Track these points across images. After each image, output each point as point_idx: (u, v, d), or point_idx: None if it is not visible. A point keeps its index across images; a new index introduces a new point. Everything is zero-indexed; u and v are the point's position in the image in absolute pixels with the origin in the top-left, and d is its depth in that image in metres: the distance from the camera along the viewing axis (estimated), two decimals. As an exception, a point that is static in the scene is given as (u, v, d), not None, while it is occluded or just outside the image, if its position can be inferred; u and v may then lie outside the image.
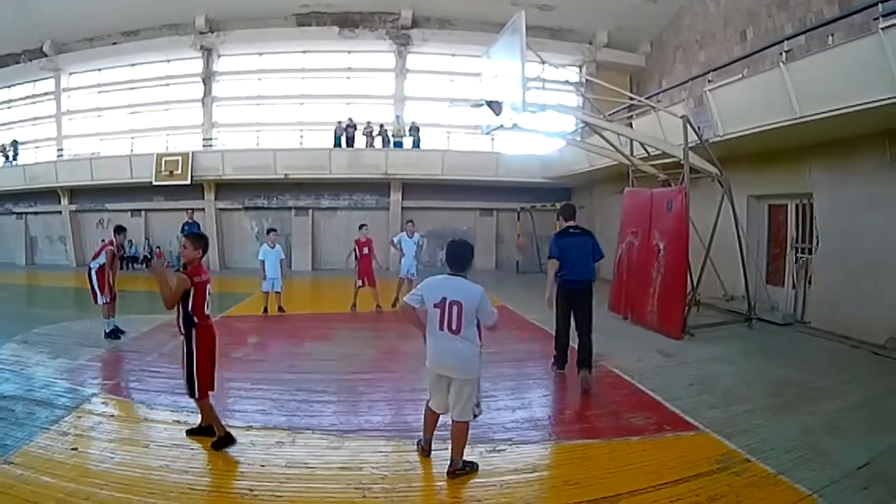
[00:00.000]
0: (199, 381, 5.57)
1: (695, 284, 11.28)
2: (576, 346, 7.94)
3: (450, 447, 5.10)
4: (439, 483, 4.98)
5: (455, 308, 4.91)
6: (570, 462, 5.45)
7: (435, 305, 4.97)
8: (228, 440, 5.59)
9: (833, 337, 10.25)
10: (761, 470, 4.94)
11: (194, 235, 6.00)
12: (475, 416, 5.15)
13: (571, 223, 8.42)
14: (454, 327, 4.92)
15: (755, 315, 11.36)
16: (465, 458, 5.11)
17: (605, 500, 4.52)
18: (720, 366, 8.54)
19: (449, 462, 5.04)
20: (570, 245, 8.08)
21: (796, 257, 11.99)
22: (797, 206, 12.07)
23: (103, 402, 7.32)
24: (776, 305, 11.95)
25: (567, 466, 5.34)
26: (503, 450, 5.60)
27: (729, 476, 4.86)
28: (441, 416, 5.31)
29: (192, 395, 5.62)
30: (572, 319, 8.13)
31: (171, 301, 5.53)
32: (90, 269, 11.03)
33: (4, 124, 30.36)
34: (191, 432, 5.96)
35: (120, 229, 11.62)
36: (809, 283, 11.54)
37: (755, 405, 6.72)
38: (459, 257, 5.20)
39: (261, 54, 27.00)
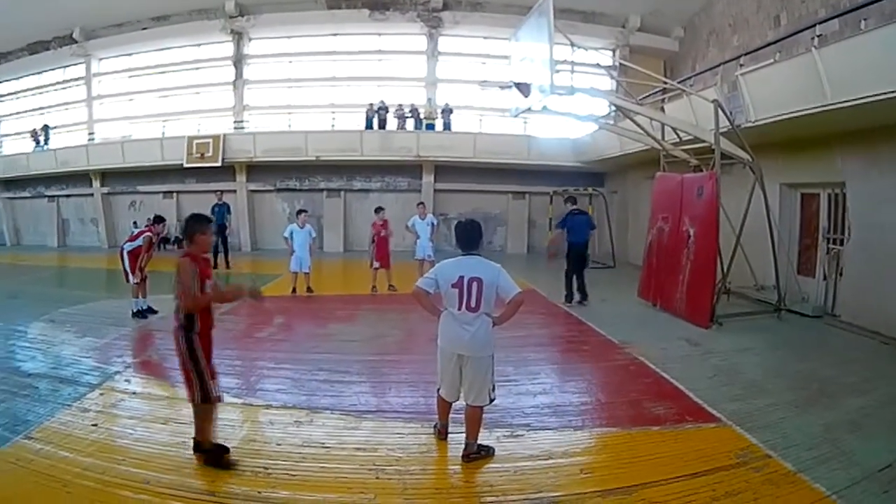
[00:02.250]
0: (213, 381, 5.04)
1: (724, 272, 11.10)
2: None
3: (465, 431, 5.08)
4: (453, 466, 4.99)
5: (475, 285, 4.89)
6: (587, 450, 5.42)
7: (453, 286, 4.93)
8: (218, 454, 5.04)
9: (862, 331, 9.96)
10: (781, 467, 4.83)
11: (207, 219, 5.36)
12: (491, 400, 5.10)
13: (575, 207, 13.11)
14: (473, 305, 4.90)
15: (785, 306, 11.13)
16: (481, 441, 5.10)
17: (619, 491, 4.47)
18: (746, 357, 8.40)
19: (464, 446, 5.03)
20: (576, 221, 12.74)
21: (828, 248, 11.68)
22: (829, 195, 11.75)
23: (126, 380, 7.47)
24: (806, 297, 11.70)
25: (584, 455, 5.30)
26: (521, 435, 5.58)
27: (748, 472, 4.77)
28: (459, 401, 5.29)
29: (205, 399, 4.97)
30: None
31: (205, 303, 4.98)
32: (123, 250, 11.27)
33: (35, 109, 30.83)
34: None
35: (159, 219, 11.81)
36: (840, 275, 11.24)
37: (778, 399, 6.58)
38: (469, 236, 5.16)
39: (291, 37, 26.99)
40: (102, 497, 4.41)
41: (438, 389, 5.33)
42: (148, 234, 11.34)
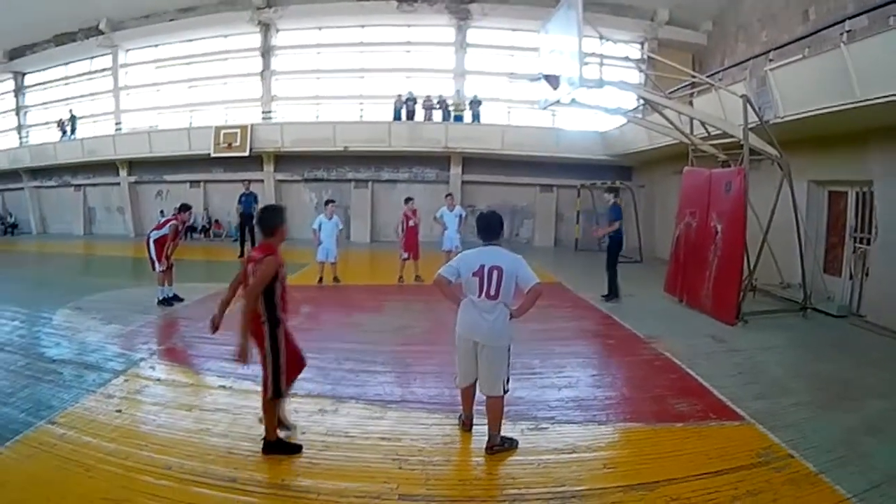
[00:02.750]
0: (288, 377, 5.06)
1: (751, 270, 11.02)
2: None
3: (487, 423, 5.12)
4: (476, 458, 5.02)
5: (495, 273, 4.94)
6: (610, 445, 5.44)
7: (473, 274, 4.99)
8: (280, 447, 5.08)
9: (887, 332, 9.82)
10: (802, 467, 4.80)
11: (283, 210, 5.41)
12: (505, 391, 5.10)
13: (617, 199, 12.50)
14: (493, 293, 4.95)
15: (810, 305, 11.02)
16: (505, 434, 5.13)
17: (641, 487, 4.48)
18: (770, 355, 8.32)
19: (487, 438, 5.05)
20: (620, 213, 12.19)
21: (854, 247, 11.52)
22: (857, 193, 11.59)
23: (151, 367, 7.59)
24: (832, 296, 11.56)
25: (607, 449, 5.32)
26: (545, 428, 5.60)
27: (769, 471, 4.75)
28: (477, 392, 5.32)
29: (277, 395, 5.02)
30: None
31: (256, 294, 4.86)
32: (149, 237, 11.35)
33: (62, 100, 31.14)
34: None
35: (186, 207, 11.87)
36: (867, 275, 11.09)
37: (801, 399, 6.54)
38: (491, 227, 5.23)
39: (319, 28, 27.02)
40: (124, 482, 4.48)
41: (455, 378, 5.38)
42: (174, 222, 11.45)
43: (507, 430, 5.21)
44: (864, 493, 4.42)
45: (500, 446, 5.02)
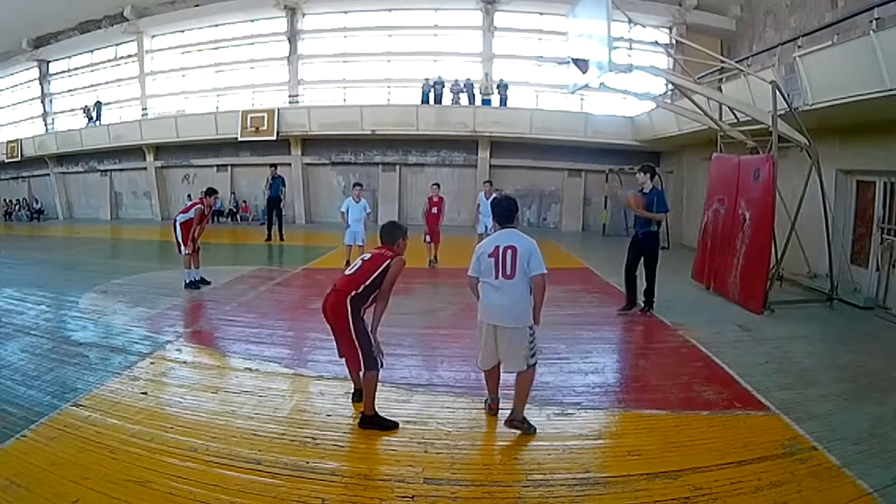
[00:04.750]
0: (377, 351, 5.30)
1: (779, 258, 10.92)
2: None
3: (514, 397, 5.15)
4: (502, 443, 5.05)
5: (510, 252, 4.98)
6: (635, 431, 5.42)
7: (489, 255, 5.03)
8: (378, 422, 5.23)
9: (911, 326, 9.73)
10: (826, 460, 4.74)
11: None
12: (529, 365, 5.10)
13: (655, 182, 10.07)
14: (508, 272, 4.97)
15: (837, 295, 10.86)
16: (532, 420, 5.14)
17: (665, 475, 4.47)
18: (797, 345, 8.25)
19: (510, 411, 5.10)
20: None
21: (882, 238, 11.38)
22: (885, 184, 11.39)
23: (177, 350, 7.67)
24: (858, 287, 11.41)
25: (632, 436, 5.31)
26: (571, 414, 5.61)
27: (793, 463, 4.70)
28: (504, 375, 5.36)
29: (372, 367, 5.21)
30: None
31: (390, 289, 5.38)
32: (176, 221, 11.51)
33: (88, 87, 31.61)
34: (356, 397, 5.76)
35: (211, 192, 11.93)
36: (893, 266, 10.92)
37: (827, 390, 6.47)
38: (506, 211, 5.32)
39: (345, 12, 27.06)
40: (148, 463, 4.53)
41: (478, 361, 5.40)
42: (199, 206, 11.55)
43: (533, 415, 5.23)
44: (887, 487, 4.36)
45: (520, 423, 5.05)
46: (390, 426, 5.17)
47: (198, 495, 4.12)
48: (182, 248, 11.34)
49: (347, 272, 5.40)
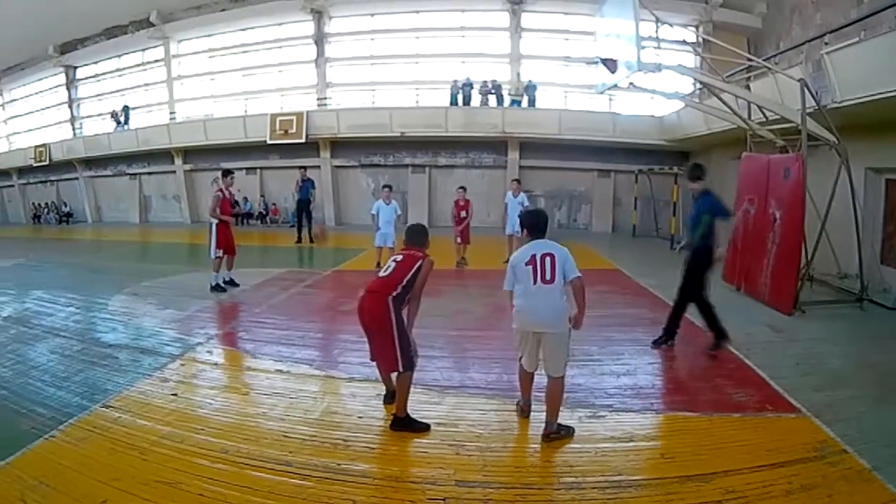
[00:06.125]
0: (414, 351, 5.38)
1: (809, 259, 10.82)
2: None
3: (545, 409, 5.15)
4: (534, 445, 5.05)
5: (548, 259, 5.04)
6: (668, 434, 5.46)
7: (526, 264, 5.06)
8: (409, 424, 5.27)
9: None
10: (857, 463, 4.71)
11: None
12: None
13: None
14: (548, 277, 5.01)
15: (867, 296, 10.72)
16: (562, 421, 5.16)
17: (697, 478, 4.47)
18: (828, 346, 8.17)
19: (544, 425, 5.09)
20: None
21: (912, 238, 11.28)
22: (915, 182, 11.32)
23: (208, 351, 7.75)
24: (888, 287, 11.29)
25: (664, 438, 5.36)
26: (603, 416, 5.62)
27: (824, 466, 4.68)
28: (537, 376, 5.38)
29: (409, 367, 5.28)
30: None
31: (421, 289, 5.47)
32: (210, 224, 11.55)
33: (115, 91, 32.05)
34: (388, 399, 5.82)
35: (227, 173, 11.99)
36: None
37: (859, 392, 6.41)
38: (538, 223, 5.37)
39: (372, 15, 27.17)
40: (179, 465, 4.59)
41: (520, 358, 5.40)
42: (217, 193, 11.57)
43: (564, 417, 5.25)
44: (917, 492, 4.33)
45: (557, 434, 5.05)
46: (422, 428, 5.21)
47: (228, 496, 4.19)
48: (213, 250, 11.38)
49: (382, 274, 5.48)
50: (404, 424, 5.21)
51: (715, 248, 7.69)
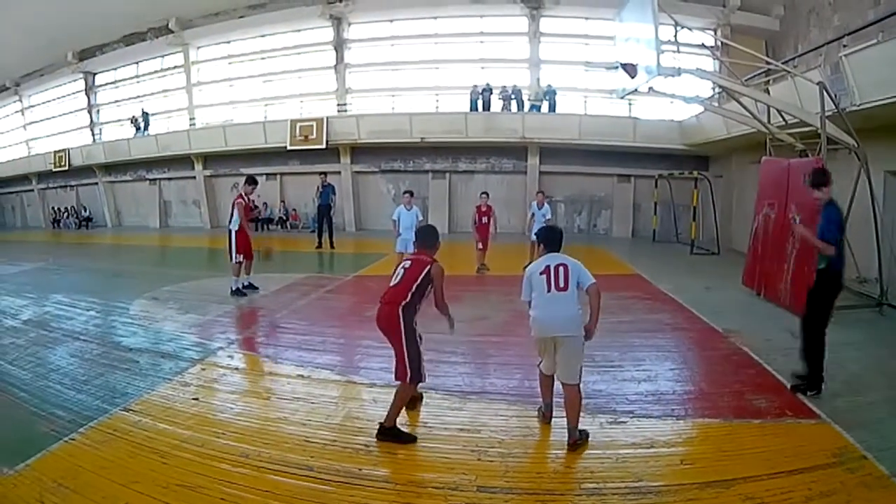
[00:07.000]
0: (422, 363, 5.36)
1: (829, 263, 10.72)
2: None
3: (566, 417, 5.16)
4: (555, 451, 5.08)
5: (562, 268, 5.17)
6: (688, 440, 5.48)
7: (541, 273, 5.19)
8: (395, 434, 5.23)
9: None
10: (876, 469, 4.69)
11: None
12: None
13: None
14: (562, 284, 5.12)
15: (886, 301, 10.67)
16: (582, 427, 5.17)
17: (717, 484, 4.48)
18: (847, 352, 8.06)
19: (567, 433, 5.09)
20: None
21: (930, 242, 11.17)
22: (934, 186, 11.22)
23: (229, 356, 7.82)
24: (907, 292, 11.25)
25: (685, 444, 5.37)
26: (624, 422, 5.64)
27: (843, 472, 4.66)
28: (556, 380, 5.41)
29: (414, 378, 5.30)
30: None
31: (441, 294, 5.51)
32: (230, 231, 11.59)
33: (134, 97, 32.41)
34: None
35: (250, 181, 12.05)
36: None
37: (879, 397, 6.40)
38: (553, 239, 5.50)
39: (391, 21, 27.30)
40: (200, 469, 4.63)
41: (539, 364, 5.48)
42: (238, 200, 11.65)
43: (586, 423, 5.26)
44: (936, 498, 4.31)
45: (580, 440, 5.09)
46: (409, 440, 5.21)
47: (249, 501, 4.24)
48: (233, 255, 11.48)
49: (392, 283, 5.48)
50: (391, 435, 5.20)
51: (843, 269, 6.63)
